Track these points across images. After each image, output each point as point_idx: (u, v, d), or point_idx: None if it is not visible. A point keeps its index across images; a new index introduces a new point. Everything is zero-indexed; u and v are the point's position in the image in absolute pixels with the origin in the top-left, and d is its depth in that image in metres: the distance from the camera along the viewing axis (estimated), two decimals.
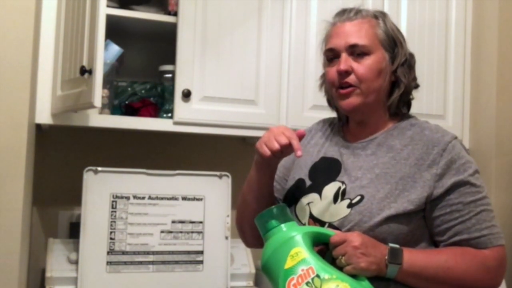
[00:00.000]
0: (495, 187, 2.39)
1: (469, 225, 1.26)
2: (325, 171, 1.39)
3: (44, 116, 1.93)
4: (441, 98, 2.43)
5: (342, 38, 1.35)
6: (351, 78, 1.33)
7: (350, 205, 1.29)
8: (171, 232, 2.04)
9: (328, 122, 1.52)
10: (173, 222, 2.04)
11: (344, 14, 1.39)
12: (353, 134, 1.42)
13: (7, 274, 1.67)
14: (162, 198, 2.04)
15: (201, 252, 2.06)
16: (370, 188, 1.29)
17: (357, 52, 1.33)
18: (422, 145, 1.32)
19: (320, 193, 1.36)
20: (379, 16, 1.39)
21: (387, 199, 1.27)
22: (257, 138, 2.37)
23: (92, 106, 1.67)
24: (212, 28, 2.09)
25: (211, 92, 2.09)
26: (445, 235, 1.28)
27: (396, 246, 1.23)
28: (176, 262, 2.02)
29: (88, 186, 1.96)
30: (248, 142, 2.45)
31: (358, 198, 1.29)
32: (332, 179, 1.36)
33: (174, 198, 2.06)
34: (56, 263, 1.94)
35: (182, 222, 2.05)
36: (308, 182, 1.41)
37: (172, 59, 2.07)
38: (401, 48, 1.38)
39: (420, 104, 2.34)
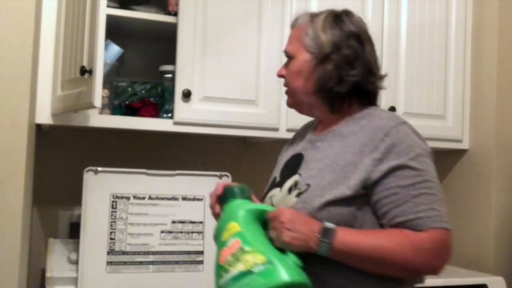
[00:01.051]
0: (495, 187, 2.39)
1: (405, 208, 1.27)
2: (291, 166, 1.46)
3: (44, 116, 1.93)
4: (441, 98, 2.43)
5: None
6: (284, 82, 1.47)
7: (298, 195, 1.35)
8: (171, 232, 2.03)
9: (311, 123, 1.58)
10: (173, 222, 2.04)
11: (292, 21, 1.50)
12: (319, 129, 1.49)
13: (7, 274, 1.66)
14: (162, 198, 2.04)
15: (201, 252, 2.06)
16: (317, 177, 1.34)
17: (288, 58, 1.46)
18: (368, 131, 1.34)
19: (281, 187, 1.42)
20: (312, 18, 1.43)
21: (329, 186, 1.31)
22: (257, 138, 2.37)
23: (92, 106, 1.67)
24: (212, 28, 2.09)
25: (211, 92, 2.09)
26: (385, 219, 1.30)
27: (330, 225, 1.26)
28: (176, 262, 2.02)
29: (88, 186, 1.96)
30: (248, 142, 2.45)
31: (305, 187, 1.34)
32: (294, 173, 1.42)
33: (174, 198, 2.05)
34: (56, 263, 1.94)
35: (182, 222, 2.05)
36: (278, 179, 1.48)
37: (172, 59, 2.07)
38: (332, 47, 1.38)
39: (420, 104, 2.35)
